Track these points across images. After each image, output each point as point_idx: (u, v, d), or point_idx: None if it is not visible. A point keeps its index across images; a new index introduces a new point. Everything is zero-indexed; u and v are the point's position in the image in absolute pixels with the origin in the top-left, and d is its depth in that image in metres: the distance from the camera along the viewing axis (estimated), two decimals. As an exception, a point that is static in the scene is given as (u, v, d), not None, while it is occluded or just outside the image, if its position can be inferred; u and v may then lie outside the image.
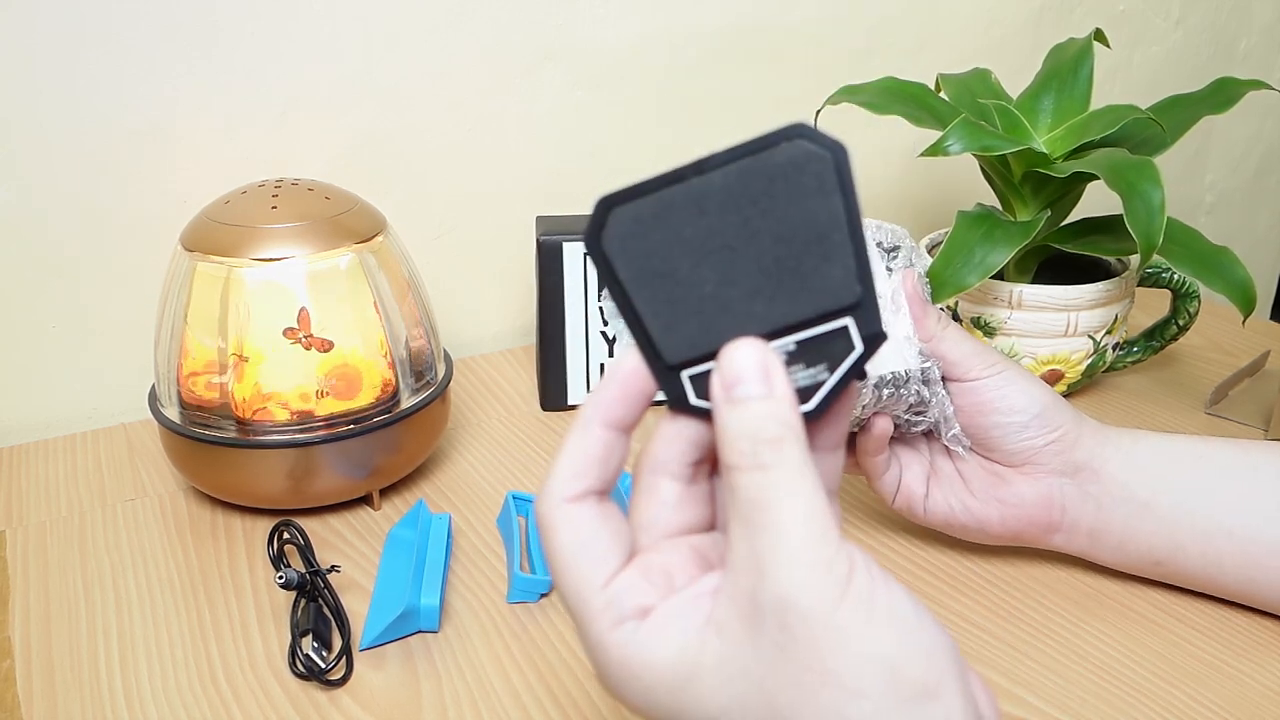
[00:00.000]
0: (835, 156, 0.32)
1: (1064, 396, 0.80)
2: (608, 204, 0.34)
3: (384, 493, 0.69)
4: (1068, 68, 0.77)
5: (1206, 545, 0.55)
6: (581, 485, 0.34)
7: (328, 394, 0.63)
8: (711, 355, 0.33)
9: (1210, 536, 0.55)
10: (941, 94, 0.80)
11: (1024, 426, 0.56)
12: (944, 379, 0.57)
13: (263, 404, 0.62)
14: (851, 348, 0.33)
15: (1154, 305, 0.90)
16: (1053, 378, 0.77)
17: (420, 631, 0.56)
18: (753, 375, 0.32)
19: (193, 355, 0.64)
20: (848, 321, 0.33)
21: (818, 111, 0.81)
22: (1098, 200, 0.77)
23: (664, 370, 0.34)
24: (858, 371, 0.33)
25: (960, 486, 0.59)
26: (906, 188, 1.08)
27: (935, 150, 0.69)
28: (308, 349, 0.62)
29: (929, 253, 0.80)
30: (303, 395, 0.63)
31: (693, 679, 0.32)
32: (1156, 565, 0.57)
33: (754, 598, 0.31)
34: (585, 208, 1.01)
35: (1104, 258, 0.80)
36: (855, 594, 0.30)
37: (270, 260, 0.62)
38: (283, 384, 0.62)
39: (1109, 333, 0.76)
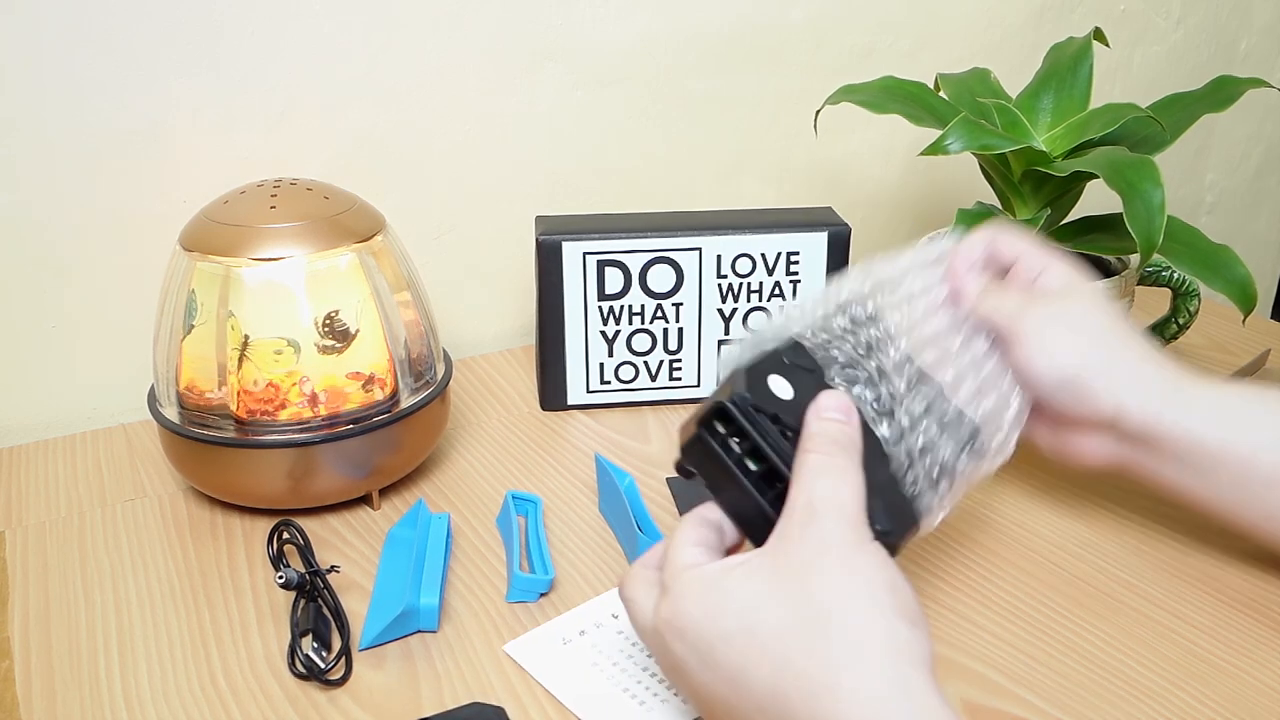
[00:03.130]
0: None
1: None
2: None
3: (384, 493, 0.69)
4: (1067, 66, 0.77)
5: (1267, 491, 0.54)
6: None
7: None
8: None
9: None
10: (941, 94, 0.80)
11: (1053, 393, 0.55)
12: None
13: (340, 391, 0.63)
14: None
15: (1154, 304, 0.90)
16: (1053, 377, 0.77)
17: (419, 631, 0.56)
18: (840, 409, 0.47)
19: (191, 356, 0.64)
20: None
21: (818, 111, 0.81)
22: (1098, 199, 0.77)
23: None
24: None
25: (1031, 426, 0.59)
26: (906, 187, 1.08)
27: (935, 149, 0.69)
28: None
29: (929, 252, 0.80)
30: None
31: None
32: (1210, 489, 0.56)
33: (800, 532, 0.43)
34: (585, 208, 1.02)
35: (1104, 256, 0.80)
36: (873, 547, 0.43)
37: (269, 260, 0.62)
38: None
39: (1109, 332, 0.76)
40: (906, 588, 0.42)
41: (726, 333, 0.79)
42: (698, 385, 0.80)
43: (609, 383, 0.80)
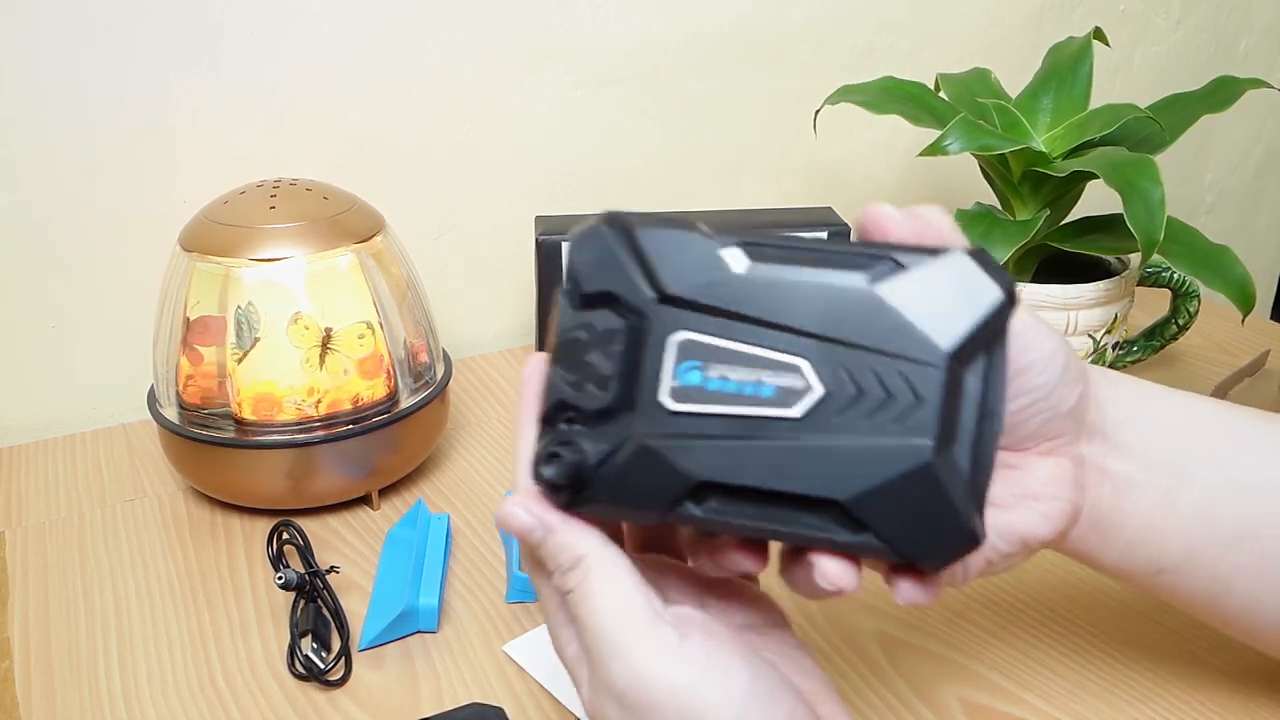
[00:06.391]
0: None
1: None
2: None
3: (383, 493, 0.69)
4: (1067, 67, 0.77)
5: (1225, 552, 0.45)
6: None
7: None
8: None
9: (1236, 541, 0.44)
10: (941, 94, 0.80)
11: (1058, 383, 0.39)
12: None
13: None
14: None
15: (1154, 305, 0.90)
16: (1052, 377, 0.77)
17: (419, 632, 0.56)
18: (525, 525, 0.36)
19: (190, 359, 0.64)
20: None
21: (817, 112, 0.81)
22: (1097, 199, 0.77)
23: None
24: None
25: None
26: (906, 188, 1.08)
27: (934, 149, 0.69)
28: None
29: (929, 252, 0.80)
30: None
31: None
32: (1158, 575, 0.46)
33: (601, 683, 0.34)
34: (585, 207, 1.02)
35: (1104, 257, 0.80)
36: (691, 653, 0.34)
37: (269, 260, 0.62)
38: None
39: (1109, 332, 0.76)
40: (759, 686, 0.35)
41: (726, 333, 0.79)
42: (697, 385, 0.80)
43: (609, 383, 0.79)
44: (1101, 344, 0.76)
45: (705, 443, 0.33)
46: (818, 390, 0.32)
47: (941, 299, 0.32)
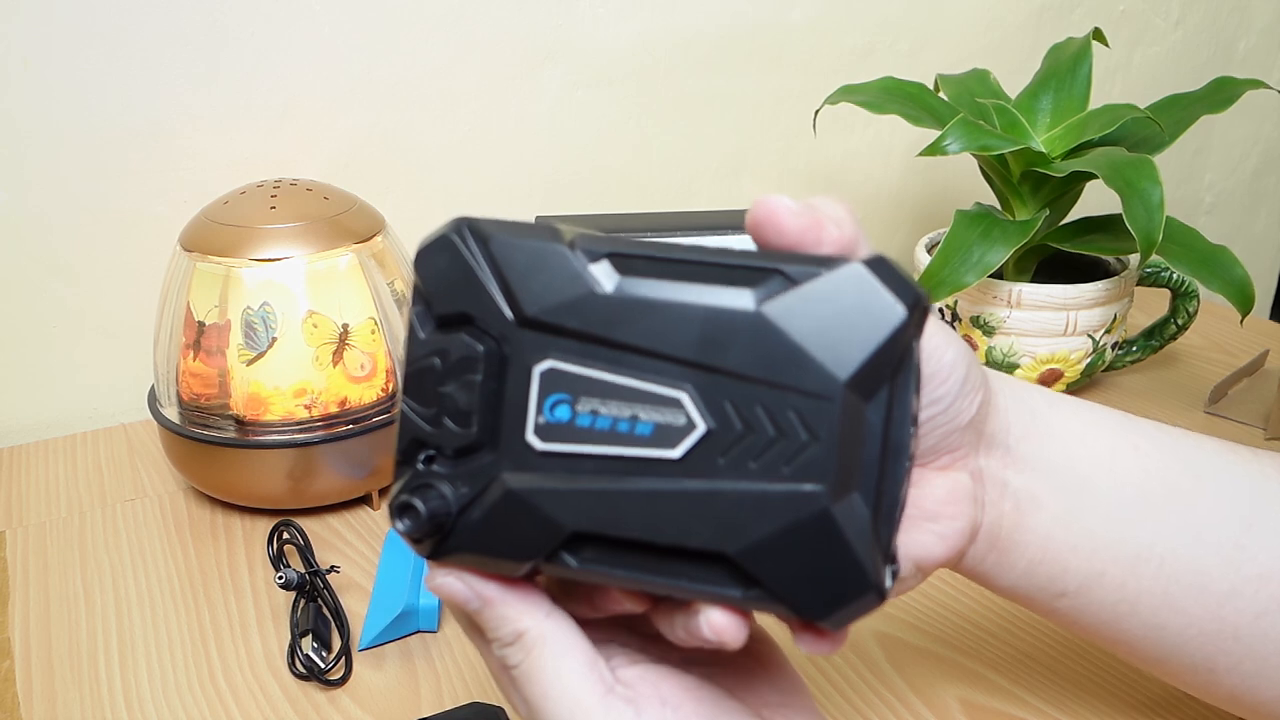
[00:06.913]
0: None
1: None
2: None
3: (383, 493, 0.69)
4: (1066, 67, 0.77)
5: (1129, 574, 0.41)
6: None
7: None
8: None
9: (1140, 562, 0.41)
10: (940, 94, 0.80)
11: (958, 395, 0.36)
12: None
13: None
14: None
15: (1153, 305, 0.90)
16: (1052, 376, 0.77)
17: (419, 631, 0.56)
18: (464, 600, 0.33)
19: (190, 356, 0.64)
20: None
21: (816, 111, 0.81)
22: (1097, 200, 0.77)
23: None
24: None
25: None
26: (906, 188, 1.08)
27: (934, 149, 0.69)
28: None
29: (928, 252, 0.80)
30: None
31: None
32: (1059, 598, 0.42)
33: None
34: (585, 207, 1.01)
35: (1103, 257, 0.80)
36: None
37: (269, 260, 0.62)
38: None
39: (1108, 332, 0.76)
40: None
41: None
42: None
43: (608, 383, 0.79)
44: (1101, 344, 0.76)
45: (578, 488, 0.30)
46: (700, 427, 0.29)
47: (837, 320, 0.28)
